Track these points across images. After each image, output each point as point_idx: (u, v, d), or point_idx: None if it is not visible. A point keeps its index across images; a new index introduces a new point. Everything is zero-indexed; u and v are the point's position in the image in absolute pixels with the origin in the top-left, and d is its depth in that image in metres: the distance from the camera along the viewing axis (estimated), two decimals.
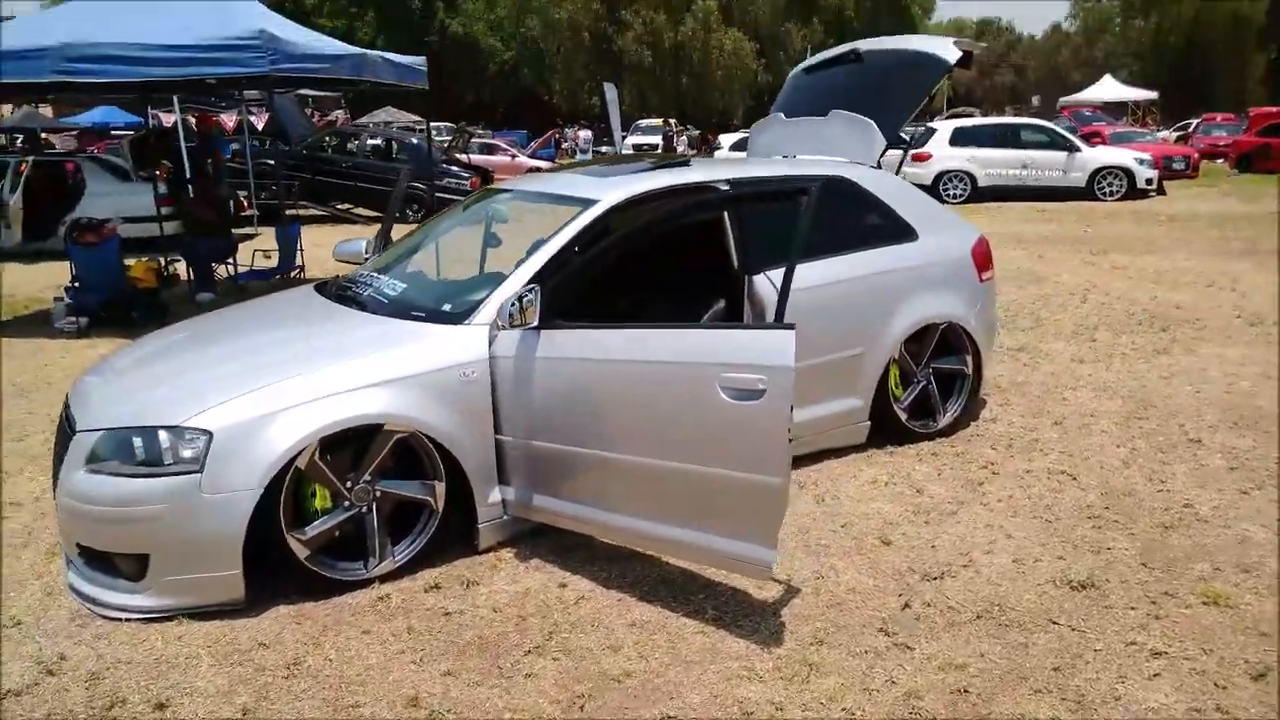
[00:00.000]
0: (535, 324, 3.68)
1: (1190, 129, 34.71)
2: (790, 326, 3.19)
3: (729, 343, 3.31)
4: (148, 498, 3.36)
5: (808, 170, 5.07)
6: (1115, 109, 40.71)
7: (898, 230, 5.17)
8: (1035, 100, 56.13)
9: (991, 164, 19.20)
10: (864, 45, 6.00)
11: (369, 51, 9.77)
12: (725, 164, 5.60)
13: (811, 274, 4.68)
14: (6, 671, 3.17)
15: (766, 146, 6.09)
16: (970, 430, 5.43)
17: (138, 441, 3.43)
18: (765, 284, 4.65)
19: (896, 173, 5.62)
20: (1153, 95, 43.57)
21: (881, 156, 5.39)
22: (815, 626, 3.40)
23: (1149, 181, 19.13)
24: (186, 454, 3.38)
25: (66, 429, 3.73)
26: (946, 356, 5.31)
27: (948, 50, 5.40)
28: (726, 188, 4.64)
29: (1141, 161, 19.33)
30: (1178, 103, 47.62)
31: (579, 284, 4.02)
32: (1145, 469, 4.84)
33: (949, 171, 19.20)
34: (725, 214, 4.76)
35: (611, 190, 4.35)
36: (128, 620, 3.43)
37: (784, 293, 3.36)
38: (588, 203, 4.26)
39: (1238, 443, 5.17)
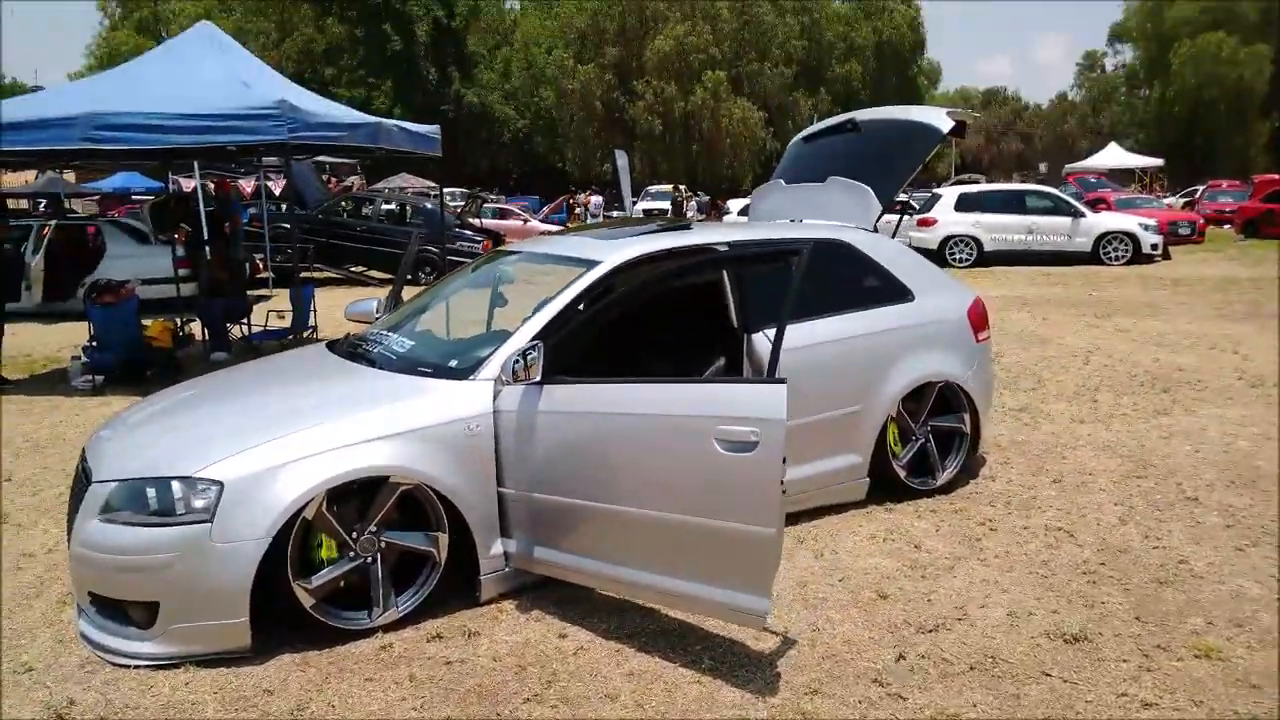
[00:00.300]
0: (538, 379, 3.79)
1: (1196, 195, 35.03)
2: (782, 381, 3.30)
3: (723, 396, 3.42)
4: (159, 546, 3.46)
5: (807, 234, 5.22)
6: (1122, 176, 41.13)
7: (894, 291, 5.30)
8: (1042, 167, 56.64)
9: (997, 229, 19.38)
10: (861, 115, 6.20)
11: (384, 120, 10.07)
12: (724, 227, 5.77)
13: (811, 333, 4.82)
14: (18, 716, 3.24)
15: (767, 212, 6.26)
16: (969, 488, 5.50)
17: (151, 492, 3.54)
18: (764, 342, 4.76)
19: (892, 236, 5.77)
20: (1158, 162, 44.04)
21: (878, 221, 5.55)
22: (810, 677, 3.45)
23: (1154, 246, 19.26)
24: (198, 504, 3.48)
25: (83, 480, 3.84)
26: (944, 415, 5.40)
27: (941, 120, 5.58)
28: (725, 249, 4.79)
29: (1146, 227, 19.48)
30: (1184, 170, 48.09)
31: (582, 341, 4.15)
32: (1142, 526, 4.89)
33: (955, 236, 19.41)
34: (725, 275, 4.90)
35: (614, 252, 4.50)
36: (137, 667, 3.51)
37: (776, 349, 3.47)
38: (591, 264, 4.41)
39: (1235, 501, 5.22)
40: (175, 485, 3.51)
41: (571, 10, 53.33)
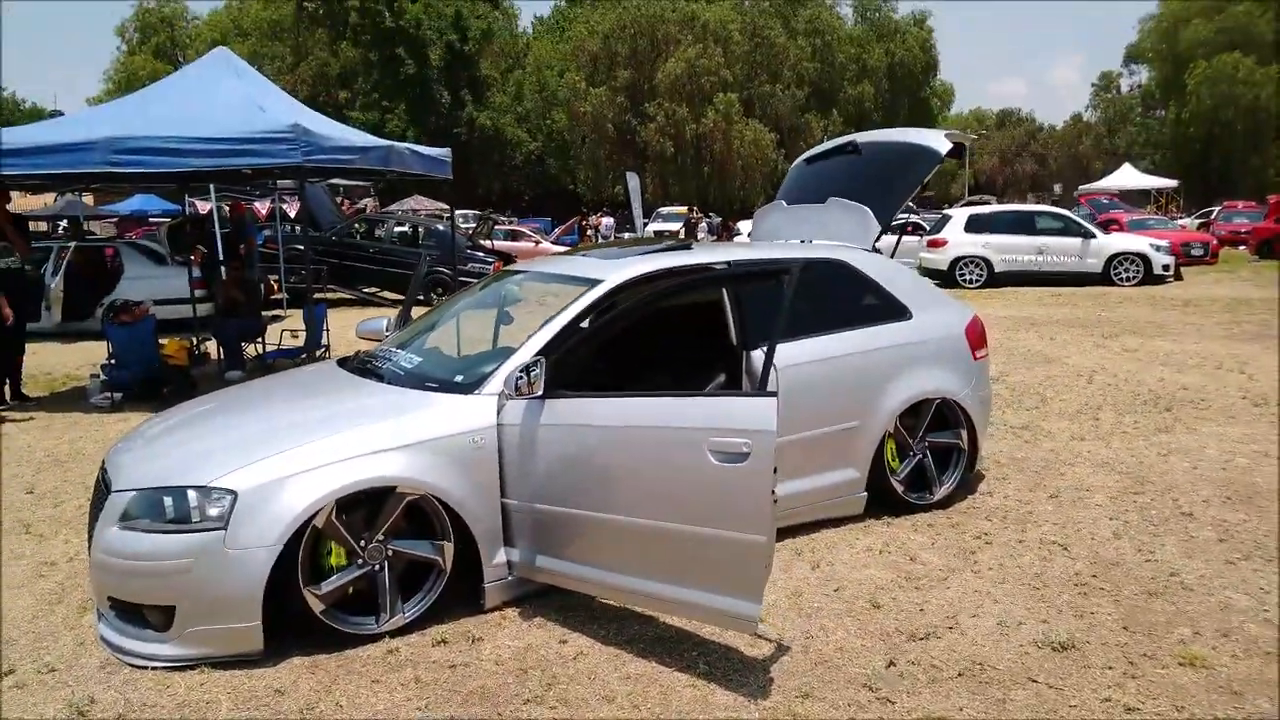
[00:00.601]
0: (540, 393, 3.93)
1: (1211, 216, 35.01)
2: (773, 394, 3.42)
3: (716, 409, 3.55)
4: (176, 553, 3.60)
5: (806, 254, 5.34)
6: (1137, 197, 41.09)
7: (892, 309, 5.41)
8: (1057, 188, 56.64)
9: (1007, 250, 19.39)
10: (862, 137, 6.35)
11: (396, 144, 10.25)
12: (725, 247, 5.90)
13: (810, 350, 4.95)
14: (40, 713, 3.38)
15: (769, 232, 6.41)
16: (967, 503, 5.59)
17: (168, 500, 3.69)
18: (762, 359, 4.87)
19: (891, 256, 5.89)
20: (1173, 183, 44.02)
21: (877, 240, 5.68)
22: (802, 681, 3.55)
23: (1166, 267, 19.22)
24: (213, 512, 3.62)
25: (103, 490, 3.99)
26: (942, 431, 5.50)
27: (939, 142, 5.73)
28: (723, 268, 4.92)
29: (1158, 248, 19.44)
30: (1200, 191, 47.97)
31: (585, 357, 4.28)
32: (1135, 540, 4.98)
33: (965, 257, 19.46)
34: (725, 293, 5.03)
35: (615, 271, 4.64)
36: (154, 668, 3.65)
37: (767, 364, 3.60)
38: (593, 282, 4.55)
39: (1229, 516, 5.29)
40: (191, 494, 3.66)
41: (583, 33, 53.84)
